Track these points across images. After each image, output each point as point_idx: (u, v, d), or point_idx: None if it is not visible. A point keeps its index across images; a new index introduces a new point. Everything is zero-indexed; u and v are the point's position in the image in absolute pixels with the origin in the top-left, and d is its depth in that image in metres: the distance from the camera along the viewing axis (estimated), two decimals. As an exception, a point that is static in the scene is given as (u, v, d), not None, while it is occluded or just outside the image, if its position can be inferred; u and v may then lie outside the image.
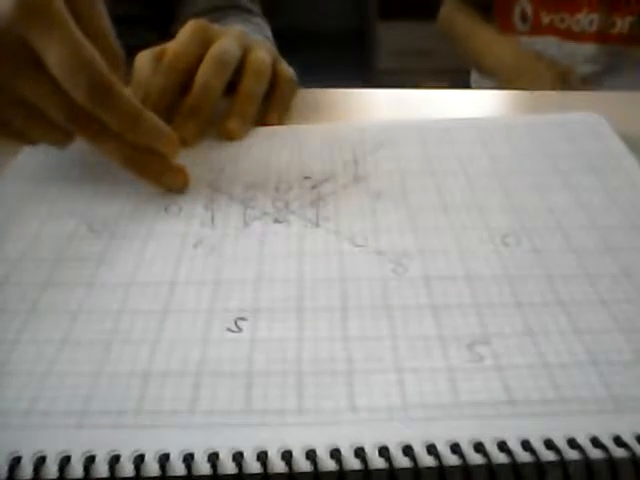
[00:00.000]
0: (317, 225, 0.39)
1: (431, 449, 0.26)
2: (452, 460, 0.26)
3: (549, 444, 0.26)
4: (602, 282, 0.35)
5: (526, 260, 0.36)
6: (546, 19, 1.03)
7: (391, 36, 2.50)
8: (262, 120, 0.51)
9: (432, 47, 2.34)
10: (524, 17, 1.06)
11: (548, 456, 0.26)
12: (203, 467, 0.25)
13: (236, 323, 0.32)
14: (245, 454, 0.26)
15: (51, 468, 0.25)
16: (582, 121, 0.49)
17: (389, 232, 0.38)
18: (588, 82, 1.00)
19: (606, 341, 0.31)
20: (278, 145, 0.48)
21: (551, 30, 1.04)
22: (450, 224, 0.39)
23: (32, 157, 0.46)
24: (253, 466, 0.25)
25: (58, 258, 0.37)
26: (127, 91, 0.39)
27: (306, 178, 0.44)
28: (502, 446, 0.26)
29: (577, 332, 0.32)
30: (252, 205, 0.41)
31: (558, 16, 1.01)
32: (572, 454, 0.26)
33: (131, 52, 0.47)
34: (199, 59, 0.49)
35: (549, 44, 1.04)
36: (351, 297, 0.34)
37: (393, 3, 2.44)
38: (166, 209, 0.41)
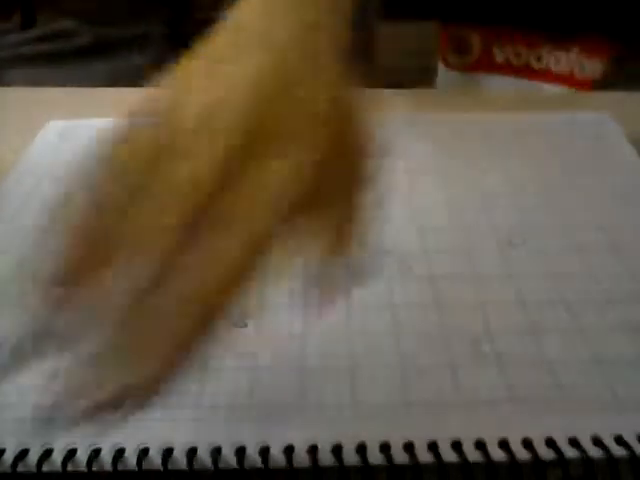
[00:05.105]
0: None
1: (432, 446, 0.26)
2: (453, 457, 0.26)
3: (550, 442, 0.26)
4: (606, 282, 0.35)
5: (531, 259, 0.36)
6: (500, 56, 0.80)
7: (391, 36, 2.50)
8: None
9: (432, 47, 2.33)
10: (462, 49, 0.83)
11: (548, 454, 0.26)
12: (205, 461, 0.26)
13: (242, 318, 0.33)
14: (247, 449, 0.26)
15: (57, 461, 0.26)
16: (590, 121, 0.49)
17: (395, 232, 0.38)
18: None
19: (609, 341, 0.31)
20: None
21: (507, 69, 0.80)
22: (456, 223, 0.39)
23: (44, 147, 0.47)
24: (255, 461, 0.26)
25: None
26: None
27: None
28: (503, 444, 0.26)
29: (580, 331, 0.32)
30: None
31: (514, 50, 0.79)
32: (572, 453, 0.26)
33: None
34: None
35: (504, 83, 0.80)
36: (356, 294, 0.34)
37: (393, 3, 2.44)
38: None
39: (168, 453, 0.26)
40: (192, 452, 0.26)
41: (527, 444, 0.26)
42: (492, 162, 0.45)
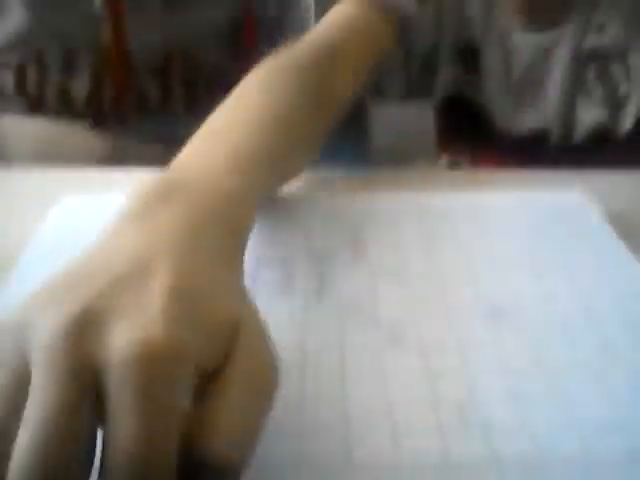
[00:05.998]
0: (319, 301, 0.42)
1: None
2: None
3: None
4: (584, 351, 0.37)
5: (514, 329, 0.39)
6: None
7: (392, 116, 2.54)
8: None
9: (429, 129, 2.37)
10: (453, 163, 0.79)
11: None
12: None
13: None
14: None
15: None
16: (570, 200, 0.52)
17: (387, 306, 0.41)
18: None
19: (588, 406, 0.33)
20: (283, 220, 0.51)
21: None
22: (445, 297, 0.42)
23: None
24: None
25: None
26: None
27: (309, 253, 0.46)
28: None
29: (561, 397, 0.34)
30: (258, 277, 0.44)
31: None
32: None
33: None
34: None
35: None
36: (349, 362, 0.36)
37: (387, 84, 2.48)
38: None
39: None
40: None
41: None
42: (477, 238, 0.48)
